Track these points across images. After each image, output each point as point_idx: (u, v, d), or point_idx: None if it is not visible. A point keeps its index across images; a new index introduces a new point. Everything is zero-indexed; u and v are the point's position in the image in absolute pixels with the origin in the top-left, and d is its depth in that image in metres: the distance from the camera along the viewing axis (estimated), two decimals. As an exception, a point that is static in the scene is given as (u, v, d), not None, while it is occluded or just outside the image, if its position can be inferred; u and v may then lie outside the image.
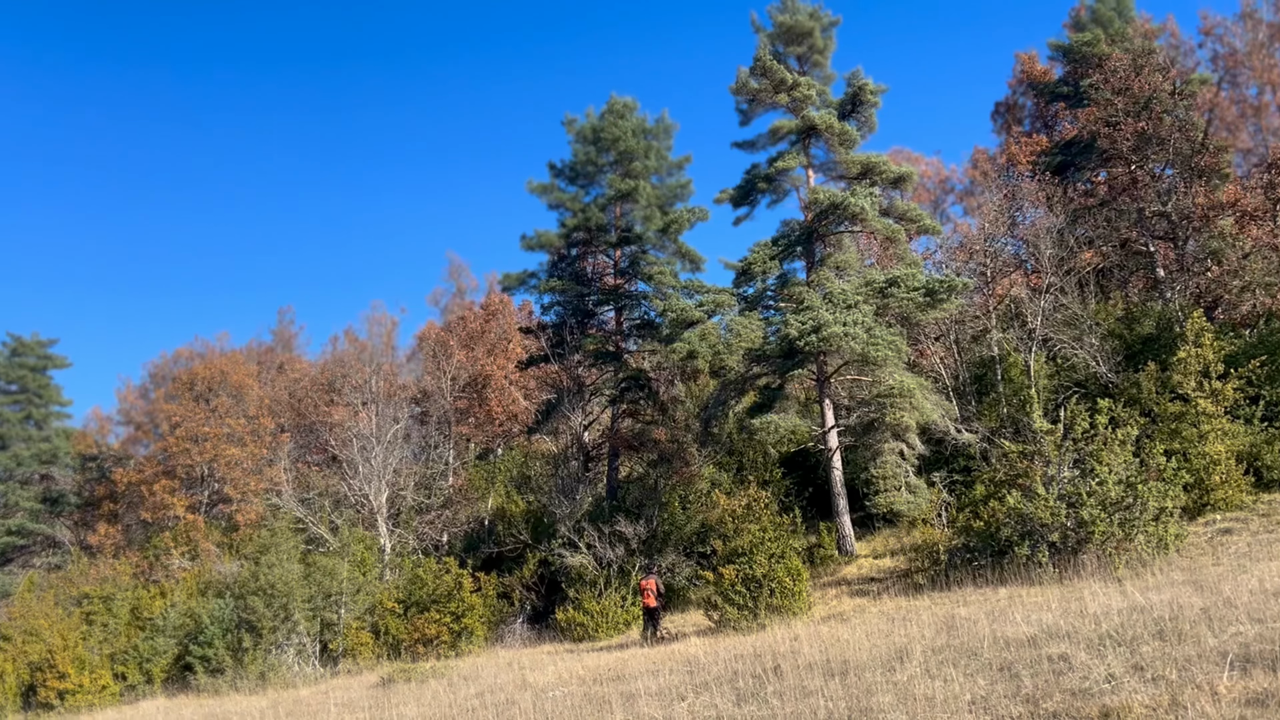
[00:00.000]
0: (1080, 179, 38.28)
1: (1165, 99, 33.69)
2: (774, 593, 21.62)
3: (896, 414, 27.22)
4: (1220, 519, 23.46)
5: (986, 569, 21.90)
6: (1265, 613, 10.75)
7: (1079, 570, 19.66)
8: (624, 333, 34.88)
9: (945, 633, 13.47)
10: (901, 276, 28.40)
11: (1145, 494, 20.33)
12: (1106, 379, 29.82)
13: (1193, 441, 24.43)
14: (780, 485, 31.75)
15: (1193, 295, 31.85)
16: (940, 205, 49.65)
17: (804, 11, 31.21)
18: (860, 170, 30.37)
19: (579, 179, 35.06)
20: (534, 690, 14.80)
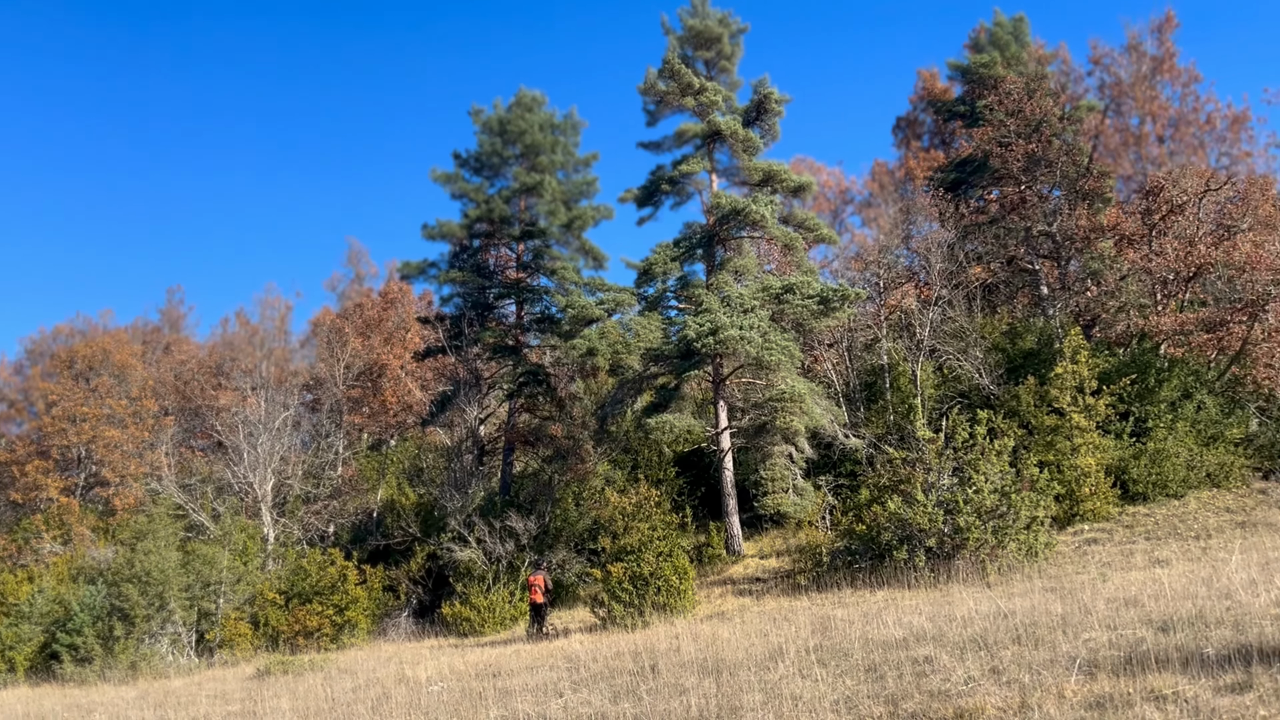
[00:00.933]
0: (973, 196, 39.56)
1: (1055, 123, 35.07)
2: (660, 591, 21.88)
3: (787, 418, 27.79)
4: (1088, 529, 24.59)
5: (866, 571, 22.53)
6: (1117, 620, 11.33)
7: (953, 575, 20.38)
8: (524, 327, 34.79)
9: (820, 633, 13.84)
10: (798, 284, 28.98)
11: (1018, 503, 21.19)
12: (988, 391, 30.92)
13: (1066, 454, 25.54)
14: (673, 484, 32.09)
15: (1072, 313, 33.22)
16: (839, 215, 50.85)
17: (714, 17, 31.58)
18: (762, 177, 30.87)
19: (484, 170, 34.85)
20: (412, 685, 14.71)
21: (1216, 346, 29.59)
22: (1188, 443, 26.62)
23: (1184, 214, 31.24)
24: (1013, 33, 40.40)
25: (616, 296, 31.08)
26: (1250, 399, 28.73)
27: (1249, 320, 28.02)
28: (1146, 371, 28.14)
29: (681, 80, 30.48)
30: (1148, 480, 25.91)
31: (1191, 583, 13.74)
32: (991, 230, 36.41)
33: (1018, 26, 40.59)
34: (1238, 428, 27.45)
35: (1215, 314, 29.23)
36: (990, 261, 37.48)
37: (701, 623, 19.30)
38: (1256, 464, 26.77)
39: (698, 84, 30.57)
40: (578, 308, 30.11)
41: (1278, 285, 27.40)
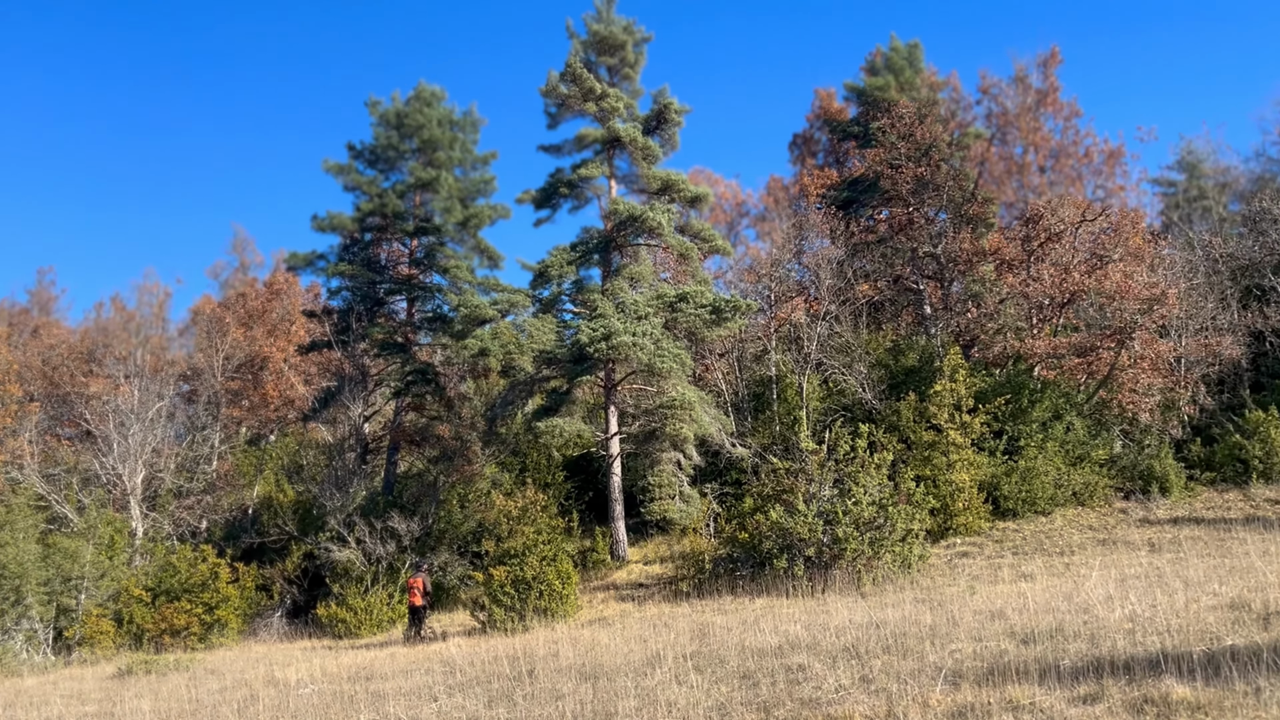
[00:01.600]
0: (863, 215, 40.57)
1: (943, 148, 36.24)
2: (542, 595, 21.77)
3: (677, 425, 28.00)
4: (960, 542, 25.43)
5: (747, 579, 22.86)
6: (983, 632, 11.71)
7: (830, 584, 20.82)
8: (415, 324, 34.27)
9: (699, 640, 13.96)
10: (691, 293, 29.27)
11: (895, 516, 21.75)
12: (871, 405, 31.71)
13: (942, 469, 26.36)
14: (561, 488, 32.03)
15: (953, 333, 34.33)
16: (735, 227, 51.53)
17: (618, 24, 31.69)
18: (660, 186, 31.08)
19: (379, 163, 34.23)
20: (282, 686, 14.30)
21: (1086, 371, 30.95)
22: (1056, 462, 27.75)
23: (1061, 242, 32.61)
24: (907, 58, 41.60)
25: (511, 297, 30.88)
26: (1115, 422, 30.12)
27: (1116, 347, 29.39)
28: (1020, 392, 29.24)
29: (584, 85, 30.48)
30: (1018, 497, 26.92)
31: (1054, 597, 14.30)
32: (880, 249, 37.37)
33: (912, 52, 41.82)
34: (1103, 449, 28.75)
35: (1086, 339, 30.57)
36: (877, 279, 38.49)
37: (582, 628, 19.28)
38: (1119, 484, 28.08)
39: (599, 89, 30.62)
40: (471, 307, 29.81)
41: (1144, 314, 28.81)
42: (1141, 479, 27.80)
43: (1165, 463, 27.79)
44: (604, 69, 32.15)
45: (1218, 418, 29.97)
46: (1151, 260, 33.33)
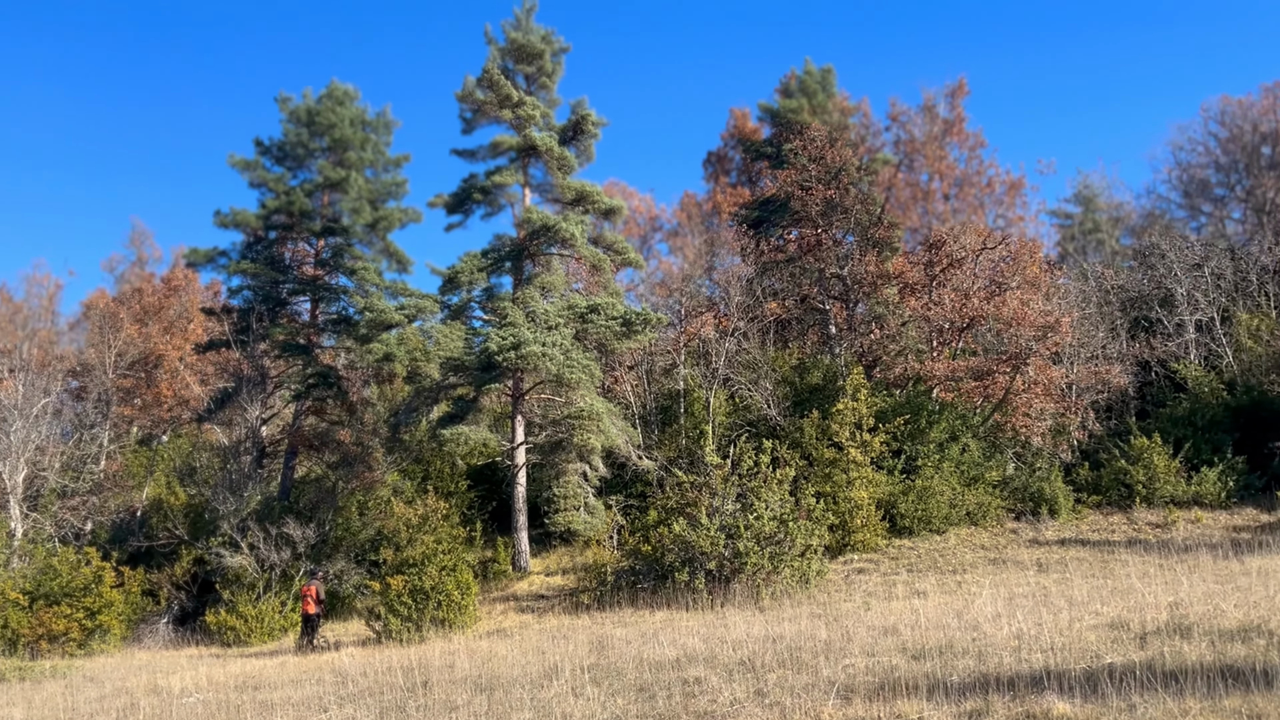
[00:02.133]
0: (773, 235, 41.14)
1: (853, 172, 37.01)
2: (441, 605, 21.48)
3: (584, 436, 27.95)
4: (857, 559, 25.88)
5: (649, 592, 22.89)
6: (876, 648, 11.92)
7: (729, 598, 20.98)
8: (318, 326, 33.54)
9: (598, 652, 13.91)
10: (603, 304, 29.30)
11: (795, 531, 22.05)
12: (776, 421, 32.12)
13: (842, 486, 26.82)
14: (464, 497, 31.69)
15: (856, 353, 35.01)
16: (648, 241, 51.81)
17: (537, 33, 31.63)
18: (575, 196, 31.07)
19: (287, 160, 33.48)
20: (165, 695, 13.80)
21: (983, 394, 31.86)
22: (952, 482, 28.47)
23: (962, 268, 33.54)
24: (820, 82, 42.42)
25: (419, 303, 30.50)
26: (1009, 444, 31.05)
27: (1012, 371, 30.32)
28: (919, 413, 29.94)
29: (500, 91, 30.33)
30: (914, 515, 27.53)
31: (945, 614, 14.63)
32: (788, 269, 37.94)
33: (825, 77, 42.66)
34: (996, 471, 29.60)
35: (983, 364, 31.47)
36: (785, 298, 39.07)
37: (481, 639, 19.07)
38: (1010, 505, 28.93)
39: (516, 97, 30.50)
40: (377, 311, 29.34)
41: (1039, 341, 29.79)
42: (1032, 500, 28.69)
43: (1055, 485, 28.73)
44: (522, 77, 32.04)
45: (1105, 443, 31.12)
46: (1047, 289, 34.49)
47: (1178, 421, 31.13)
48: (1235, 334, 35.12)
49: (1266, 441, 29.42)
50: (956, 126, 46.19)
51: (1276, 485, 27.94)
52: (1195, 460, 29.38)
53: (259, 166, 32.91)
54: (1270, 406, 30.62)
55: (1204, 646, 9.85)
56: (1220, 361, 34.52)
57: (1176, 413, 31.71)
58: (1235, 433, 30.53)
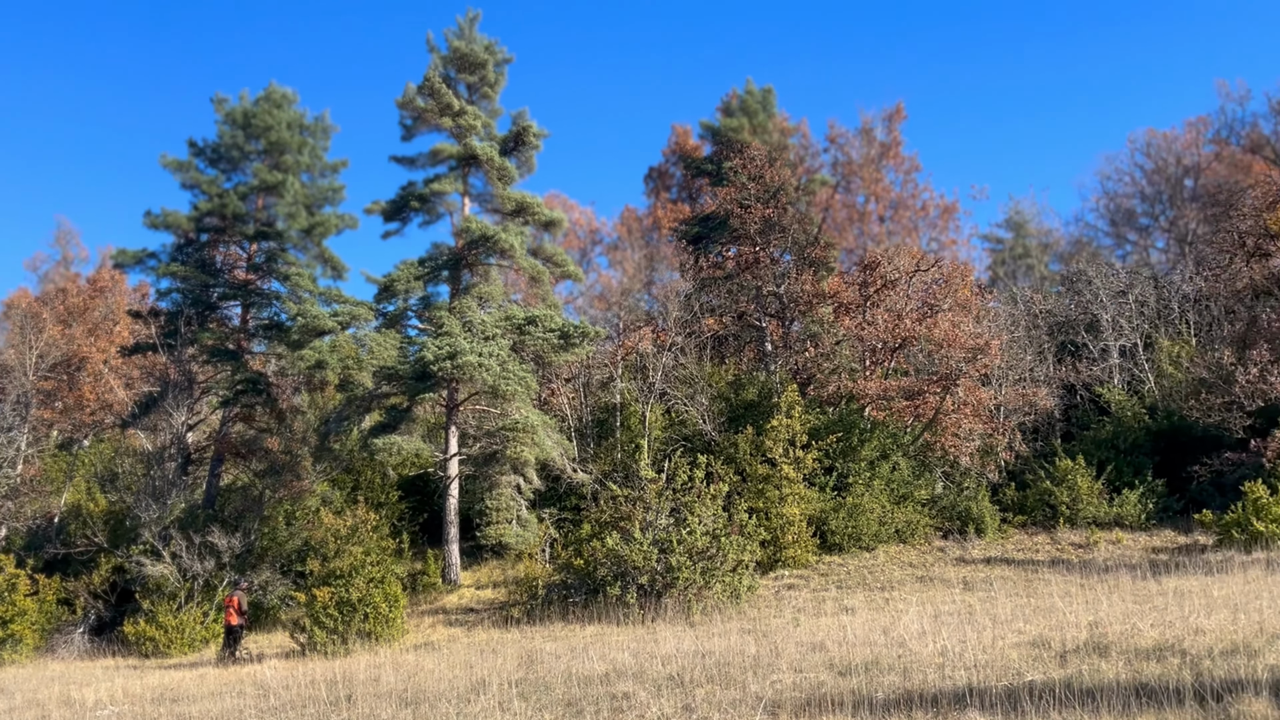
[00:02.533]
0: (712, 251, 41.41)
1: (791, 192, 37.45)
2: (368, 618, 21.14)
3: (519, 448, 27.79)
4: (788, 575, 26.05)
5: (580, 606, 22.78)
6: (804, 664, 11.99)
7: (661, 613, 20.96)
8: (249, 332, 32.90)
9: (526, 666, 13.80)
10: (541, 316, 29.20)
11: (727, 546, 22.14)
12: (711, 437, 32.26)
13: (774, 502, 27.00)
14: (395, 508, 31.30)
15: (791, 371, 35.33)
16: (588, 254, 51.83)
17: (480, 42, 31.52)
18: (515, 207, 30.96)
19: (221, 162, 32.84)
20: (78, 708, 13.37)
21: (913, 413, 32.34)
22: (882, 500, 28.83)
23: (895, 290, 34.07)
24: (761, 102, 42.84)
25: (354, 310, 30.11)
26: (938, 464, 31.54)
27: (942, 392, 30.83)
28: (851, 431, 30.29)
29: (441, 100, 30.14)
30: (844, 532, 27.81)
31: (872, 631, 14.78)
32: (726, 285, 38.22)
33: (766, 97, 43.10)
34: (925, 489, 30.04)
35: (914, 384, 31.95)
36: (723, 315, 39.33)
37: (407, 652, 18.79)
38: (938, 524, 29.37)
39: (458, 106, 30.33)
40: (310, 317, 28.89)
41: (968, 363, 30.34)
42: (959, 519, 29.16)
43: (982, 505, 29.25)
44: (463, 86, 31.88)
45: (1031, 464, 31.78)
46: (978, 312, 35.19)
47: (1101, 444, 31.92)
48: (1157, 360, 36.15)
49: (1185, 465, 30.29)
50: (893, 150, 47.04)
51: (1194, 508, 28.74)
52: (1117, 482, 30.15)
53: (192, 168, 32.23)
54: (1189, 432, 31.53)
55: (1121, 665, 10.07)
56: (1142, 386, 35.49)
57: (1100, 436, 32.51)
58: (1155, 456, 31.39)
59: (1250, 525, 24.51)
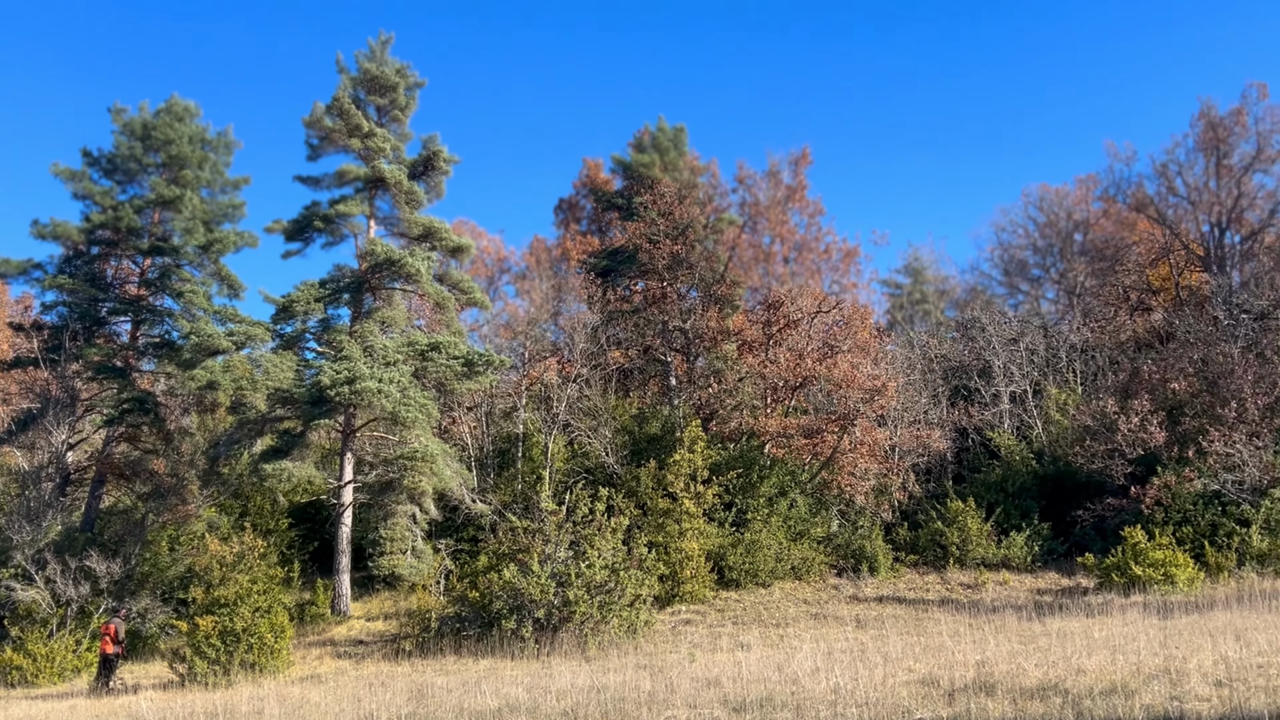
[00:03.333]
0: (620, 285, 41.54)
1: (699, 230, 37.87)
2: (252, 648, 20.44)
3: (416, 477, 27.30)
4: (685, 610, 26.05)
5: (474, 639, 22.40)
6: (698, 699, 11.96)
7: (556, 647, 20.73)
8: (138, 349, 31.71)
9: (416, 700, 13.47)
10: (445, 343, 28.84)
11: (626, 581, 22.06)
12: (613, 469, 32.19)
13: (674, 537, 27.03)
14: (285, 536, 30.44)
15: (695, 406, 35.55)
16: (495, 283, 51.44)
17: (392, 65, 31.22)
18: (422, 232, 30.61)
19: (117, 174, 31.75)
20: (-70, 745, 12.56)
21: (812, 451, 32.79)
22: (779, 536, 29.11)
23: (798, 329, 34.66)
24: (673, 140, 43.33)
25: (250, 330, 29.31)
26: (834, 502, 32.01)
27: (840, 431, 31.36)
28: (752, 467, 30.58)
29: (350, 120, 29.73)
30: (742, 568, 27.98)
31: (766, 667, 14.84)
32: (633, 319, 38.36)
33: (678, 136, 43.61)
34: (821, 527, 30.46)
35: (814, 422, 32.44)
36: (629, 348, 39.44)
37: (293, 685, 18.19)
38: (833, 561, 29.77)
39: (366, 127, 29.95)
40: (203, 336, 28.02)
41: (866, 403, 30.94)
42: (854, 558, 29.61)
43: (875, 544, 29.76)
44: (373, 108, 31.50)
45: (924, 505, 32.49)
46: (876, 354, 35.96)
47: (991, 487, 32.84)
48: (1045, 407, 37.42)
49: (1069, 510, 31.34)
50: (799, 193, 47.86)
51: (1077, 551, 29.72)
52: (1005, 525, 31.02)
53: (85, 178, 31.07)
54: (1073, 477, 32.66)
55: (1006, 704, 10.29)
56: (1031, 432, 36.67)
57: (990, 479, 33.45)
58: (1042, 500, 32.42)
59: (1129, 569, 25.43)
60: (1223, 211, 46.96)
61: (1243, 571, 26.79)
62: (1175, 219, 48.27)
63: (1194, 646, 13.82)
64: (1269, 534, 27.32)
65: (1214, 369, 32.07)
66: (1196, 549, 27.34)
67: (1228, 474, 28.58)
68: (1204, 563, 26.83)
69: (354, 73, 30.97)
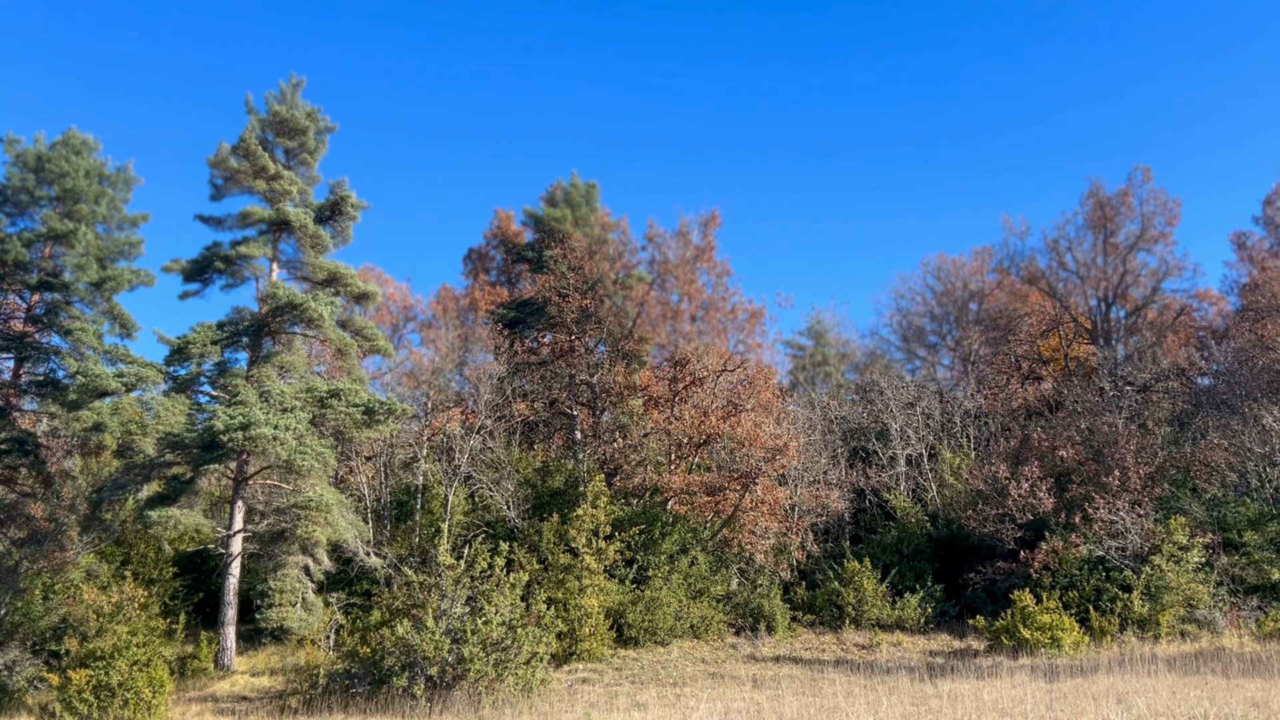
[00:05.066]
0: (528, 336, 41.45)
1: (609, 285, 38.14)
2: (128, 704, 19.55)
3: (310, 528, 26.55)
4: (582, 668, 25.75)
5: (364, 697, 21.78)
6: (592, 760, 11.80)
7: (449, 705, 20.26)
8: (21, 387, 30.34)
9: (300, 762, 12.99)
10: (345, 390, 28.29)
11: (523, 638, 21.71)
12: (514, 523, 31.85)
13: (574, 593, 26.77)
14: (169, 586, 29.32)
15: (599, 460, 35.49)
16: (400, 330, 50.82)
17: (302, 109, 30.90)
18: (327, 277, 30.16)
19: (7, 205, 30.53)
20: None
21: (714, 509, 32.98)
22: (679, 594, 29.08)
23: (703, 387, 35.00)
24: (585, 196, 43.65)
25: (141, 371, 28.33)
26: (734, 560, 32.17)
27: (742, 490, 31.62)
28: (654, 524, 30.57)
29: (256, 162, 29.27)
30: (641, 626, 27.83)
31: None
32: (540, 371, 38.27)
33: (590, 191, 43.96)
34: (721, 585, 30.53)
35: (716, 480, 32.68)
36: (535, 400, 39.28)
37: (169, 744, 17.37)
38: (731, 620, 29.83)
39: (273, 169, 29.51)
40: (91, 376, 26.97)
41: (768, 462, 31.31)
42: (752, 617, 29.72)
43: (774, 603, 29.94)
44: (281, 151, 31.07)
45: (821, 565, 32.87)
46: (778, 414, 36.50)
47: (887, 548, 33.41)
48: (940, 470, 38.37)
49: (961, 572, 32.04)
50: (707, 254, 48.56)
51: (969, 614, 30.34)
52: (900, 586, 31.54)
53: (-29, 208, 29.87)
54: (966, 540, 33.45)
55: (896, 765, 10.38)
56: (926, 495, 37.52)
57: (886, 540, 34.04)
58: (936, 562, 33.09)
59: (1018, 632, 26.05)
60: (1109, 287, 49.26)
61: (1125, 636, 27.66)
62: (1065, 293, 50.44)
63: (1078, 710, 14.19)
64: (1150, 599, 28.30)
65: (1099, 438, 33.34)
66: (1082, 613, 28.15)
67: (1111, 540, 29.61)
68: (1089, 627, 27.62)
69: (263, 114, 30.55)
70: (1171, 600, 28.14)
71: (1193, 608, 28.49)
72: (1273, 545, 29.94)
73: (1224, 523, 30.71)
